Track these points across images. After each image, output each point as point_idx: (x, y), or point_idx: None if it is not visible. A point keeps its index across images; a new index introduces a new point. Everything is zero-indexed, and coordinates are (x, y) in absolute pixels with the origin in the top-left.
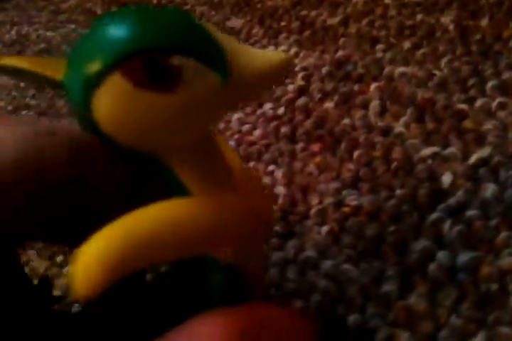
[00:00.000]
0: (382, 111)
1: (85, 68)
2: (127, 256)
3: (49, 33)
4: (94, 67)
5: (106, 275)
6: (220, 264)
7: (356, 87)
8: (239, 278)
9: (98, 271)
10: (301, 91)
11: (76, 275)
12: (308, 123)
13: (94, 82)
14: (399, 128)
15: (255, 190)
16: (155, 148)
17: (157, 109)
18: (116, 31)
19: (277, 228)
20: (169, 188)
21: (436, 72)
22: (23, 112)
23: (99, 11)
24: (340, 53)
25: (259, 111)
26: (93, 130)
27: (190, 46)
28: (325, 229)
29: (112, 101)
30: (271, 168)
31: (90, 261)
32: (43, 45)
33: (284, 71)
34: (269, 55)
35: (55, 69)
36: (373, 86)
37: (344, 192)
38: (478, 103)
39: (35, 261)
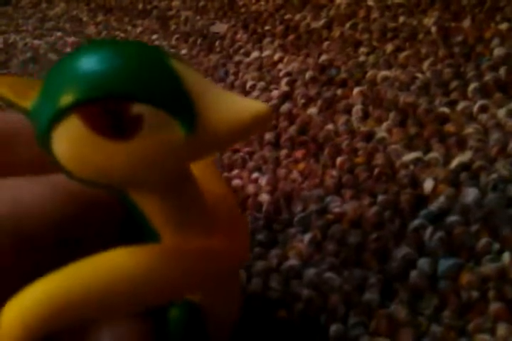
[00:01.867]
0: (365, 116)
1: (46, 106)
2: (54, 316)
3: (36, 41)
4: (52, 107)
5: (27, 334)
6: (181, 300)
7: (339, 92)
8: (200, 316)
9: (19, 330)
10: (285, 96)
11: (0, 329)
12: (292, 130)
13: (53, 120)
14: (381, 133)
15: (235, 229)
16: (119, 188)
17: (112, 156)
18: (76, 74)
19: (261, 237)
20: (142, 230)
21: (419, 75)
22: None
23: (85, 18)
24: (323, 57)
25: None
26: (56, 164)
27: (153, 94)
28: (308, 236)
29: (68, 141)
30: (255, 175)
31: (13, 318)
32: (29, 54)
33: (261, 125)
34: (246, 106)
35: (27, 95)
36: (356, 90)
37: (327, 199)
38: (460, 106)
39: None
